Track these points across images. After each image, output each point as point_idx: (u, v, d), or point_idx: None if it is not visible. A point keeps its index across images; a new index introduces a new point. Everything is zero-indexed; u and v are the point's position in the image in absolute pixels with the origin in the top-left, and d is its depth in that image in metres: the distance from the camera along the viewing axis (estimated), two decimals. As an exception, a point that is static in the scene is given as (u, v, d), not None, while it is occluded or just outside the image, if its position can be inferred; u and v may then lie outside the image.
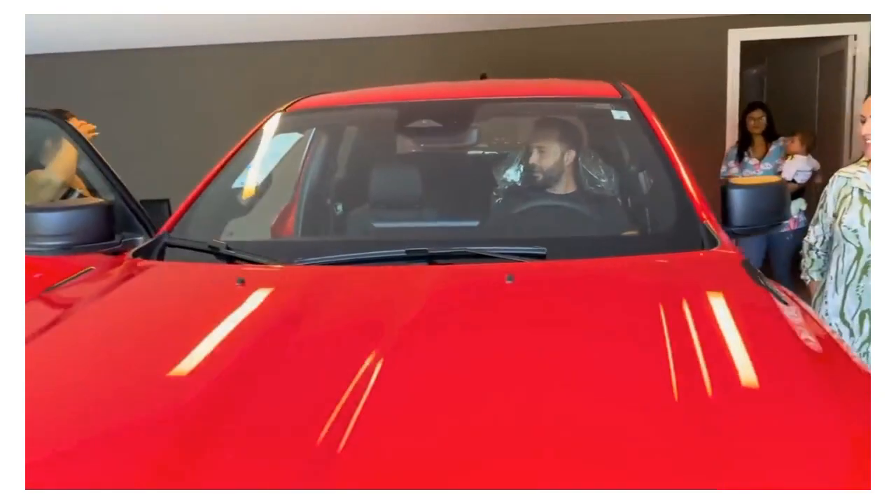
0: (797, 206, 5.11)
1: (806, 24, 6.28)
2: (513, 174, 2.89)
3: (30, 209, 2.29)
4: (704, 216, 1.97)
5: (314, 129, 3.00)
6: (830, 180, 2.87)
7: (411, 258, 1.74)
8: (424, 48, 6.62)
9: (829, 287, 2.81)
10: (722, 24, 6.32)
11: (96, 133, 3.52)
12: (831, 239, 2.89)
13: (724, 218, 2.03)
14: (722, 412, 1.07)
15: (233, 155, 2.46)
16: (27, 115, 2.99)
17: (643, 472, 0.95)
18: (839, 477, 0.96)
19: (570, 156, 2.49)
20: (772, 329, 1.37)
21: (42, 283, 2.95)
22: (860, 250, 2.67)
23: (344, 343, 1.33)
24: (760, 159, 5.24)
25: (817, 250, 2.98)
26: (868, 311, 2.66)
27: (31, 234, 2.23)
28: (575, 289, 1.59)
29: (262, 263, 1.83)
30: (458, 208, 2.46)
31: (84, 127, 3.36)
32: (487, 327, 1.40)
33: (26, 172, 3.19)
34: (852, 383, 1.21)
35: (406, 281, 1.60)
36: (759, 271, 1.71)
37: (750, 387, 1.16)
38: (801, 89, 7.44)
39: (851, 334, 2.76)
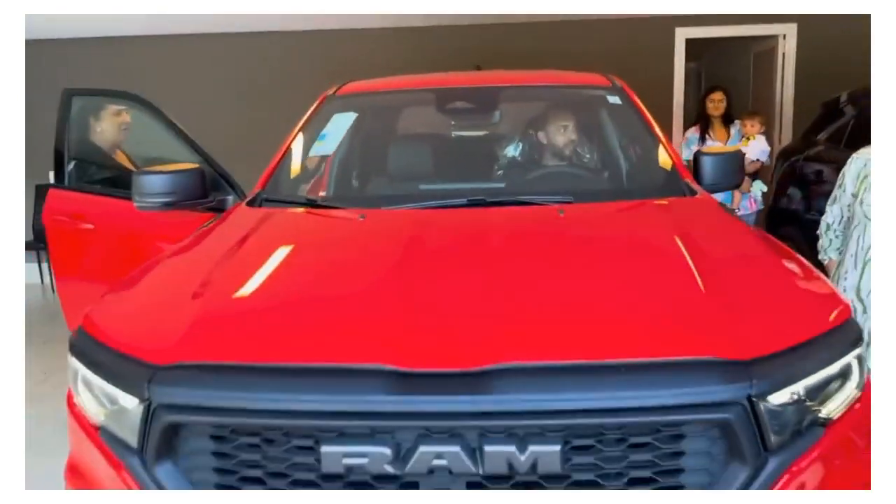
0: (758, 187, 5.23)
1: (743, 24, 7.09)
2: (512, 150, 3.50)
3: (140, 173, 2.76)
4: (685, 175, 2.63)
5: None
6: (848, 161, 2.93)
7: (476, 204, 2.33)
8: (417, 39, 7.18)
9: (849, 263, 2.84)
10: (670, 22, 7.09)
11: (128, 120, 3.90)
12: (849, 219, 2.94)
13: (697, 179, 2.69)
14: (728, 291, 1.68)
15: (300, 131, 3.00)
16: (118, 96, 3.46)
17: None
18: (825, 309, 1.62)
19: (576, 132, 3.11)
20: (749, 239, 2.04)
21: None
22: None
23: (469, 247, 1.94)
24: (725, 143, 5.26)
25: (835, 230, 3.01)
26: None
27: (140, 193, 2.71)
28: (608, 217, 2.23)
29: (350, 209, 2.40)
30: (484, 174, 3.05)
31: (122, 117, 3.77)
32: (562, 236, 2.03)
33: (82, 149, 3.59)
34: (796, 261, 1.90)
35: (487, 215, 2.20)
36: (729, 209, 2.37)
37: (741, 272, 1.80)
38: (736, 82, 8.27)
39: (865, 311, 2.74)
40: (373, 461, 1.35)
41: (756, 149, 5.19)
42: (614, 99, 3.05)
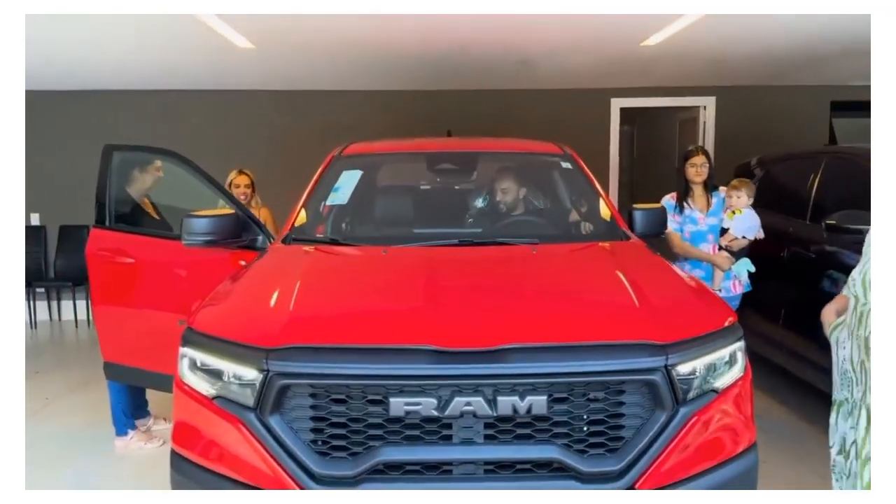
0: (744, 266, 4.31)
1: (669, 97, 8.18)
2: (481, 202, 4.28)
3: (188, 216, 3.38)
4: (621, 224, 3.44)
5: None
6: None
7: (465, 243, 3.10)
8: (393, 102, 8.04)
9: (844, 334, 2.71)
10: (607, 94, 8.15)
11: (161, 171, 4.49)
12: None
13: (630, 228, 3.50)
14: (653, 302, 2.44)
15: (315, 184, 3.70)
16: (154, 151, 4.09)
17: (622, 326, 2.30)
18: (719, 315, 2.38)
19: (523, 191, 3.91)
20: (668, 271, 2.84)
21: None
22: (856, 299, 2.59)
23: (473, 271, 2.69)
24: (705, 213, 4.43)
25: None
26: (863, 361, 2.52)
27: (189, 233, 3.34)
28: (568, 253, 3.02)
29: (368, 246, 3.13)
30: (462, 220, 3.82)
31: (161, 172, 4.34)
32: (538, 265, 2.80)
33: (116, 194, 4.16)
34: (699, 285, 2.70)
35: (479, 251, 2.97)
36: (651, 249, 3.17)
37: (662, 290, 2.58)
38: (664, 145, 9.36)
39: (858, 383, 2.59)
40: (424, 408, 2.04)
41: (743, 224, 4.30)
42: (566, 164, 3.88)
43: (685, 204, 4.44)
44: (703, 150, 4.46)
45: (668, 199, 4.50)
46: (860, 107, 8.48)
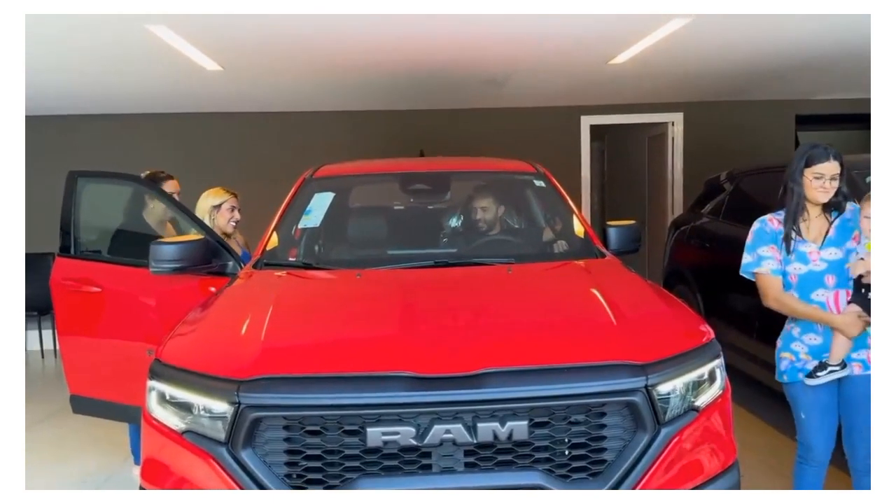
0: None
1: (638, 113, 8.27)
2: (455, 222, 4.25)
3: (155, 243, 3.31)
4: (596, 241, 3.43)
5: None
6: None
7: (441, 264, 3.05)
8: (365, 123, 8.03)
9: None
10: (577, 112, 8.21)
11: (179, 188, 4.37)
12: None
13: (605, 245, 3.49)
14: (631, 321, 2.43)
15: (287, 207, 3.64)
16: (121, 178, 3.99)
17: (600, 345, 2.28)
18: (696, 333, 2.36)
19: (501, 210, 3.89)
20: (644, 288, 2.82)
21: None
22: None
23: (448, 293, 2.64)
24: (818, 243, 2.87)
25: None
26: None
27: (156, 260, 3.25)
28: (544, 272, 2.99)
29: (342, 270, 3.07)
30: (437, 241, 3.78)
31: (175, 184, 4.30)
32: (515, 285, 2.76)
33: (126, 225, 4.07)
34: (676, 302, 2.68)
35: (455, 272, 2.92)
36: (626, 266, 3.16)
37: (639, 308, 2.56)
38: (634, 161, 9.44)
39: None
40: (402, 437, 1.99)
41: None
42: (539, 182, 3.87)
43: (794, 234, 2.88)
44: (836, 153, 2.81)
45: (768, 225, 2.96)
46: (824, 120, 8.66)
